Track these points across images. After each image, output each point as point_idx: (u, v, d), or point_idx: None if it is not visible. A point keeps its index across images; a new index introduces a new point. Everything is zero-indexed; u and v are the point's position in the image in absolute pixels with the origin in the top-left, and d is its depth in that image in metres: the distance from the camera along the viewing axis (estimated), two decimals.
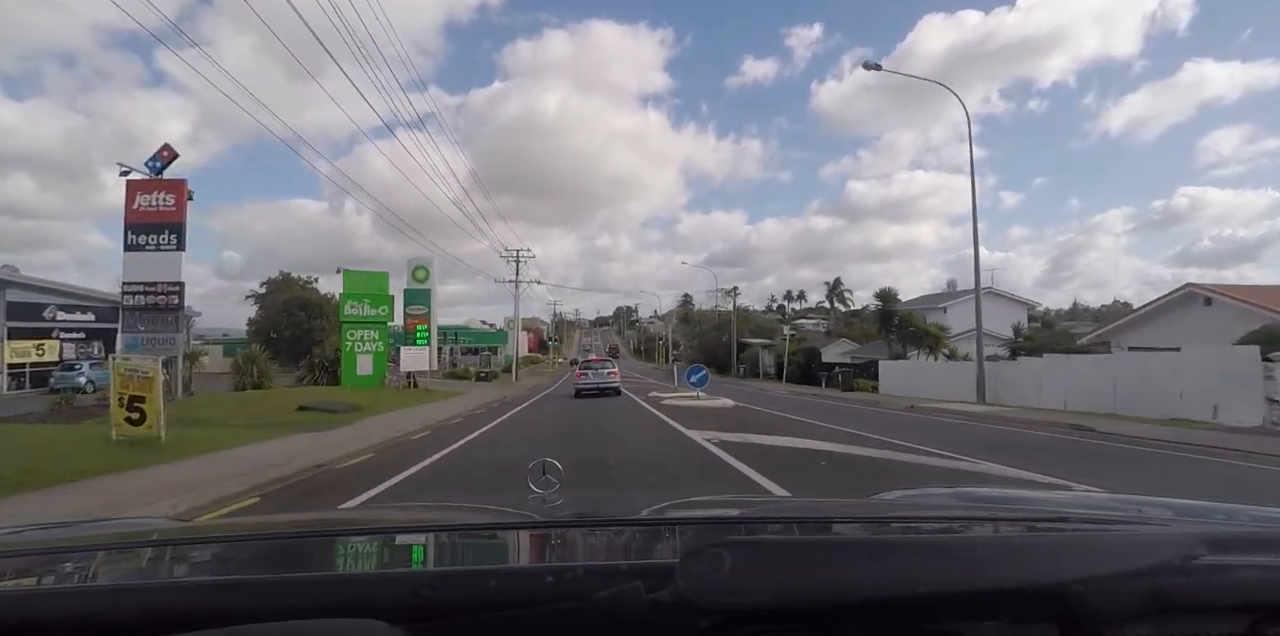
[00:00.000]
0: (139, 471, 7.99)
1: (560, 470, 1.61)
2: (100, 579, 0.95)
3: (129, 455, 8.90)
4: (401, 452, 10.45)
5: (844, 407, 20.81)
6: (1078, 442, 11.47)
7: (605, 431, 12.83)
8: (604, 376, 24.43)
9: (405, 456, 9.88)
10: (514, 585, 0.73)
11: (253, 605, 0.68)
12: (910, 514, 1.38)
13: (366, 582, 0.81)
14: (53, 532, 1.20)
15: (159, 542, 1.17)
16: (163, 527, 1.45)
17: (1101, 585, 0.65)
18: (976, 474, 7.81)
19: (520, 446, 10.71)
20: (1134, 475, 8.15)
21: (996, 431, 13.28)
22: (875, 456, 9.16)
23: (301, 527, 1.35)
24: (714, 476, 7.64)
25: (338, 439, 11.75)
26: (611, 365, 26.00)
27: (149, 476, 7.72)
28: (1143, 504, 1.32)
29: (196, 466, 8.45)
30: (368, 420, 15.42)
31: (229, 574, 1.00)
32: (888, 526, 1.22)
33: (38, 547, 1.08)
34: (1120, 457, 9.66)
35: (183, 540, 1.19)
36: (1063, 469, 7.80)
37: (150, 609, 0.68)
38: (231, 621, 0.62)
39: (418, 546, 1.14)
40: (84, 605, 0.70)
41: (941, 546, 0.75)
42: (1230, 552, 0.81)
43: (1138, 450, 10.39)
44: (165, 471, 8.05)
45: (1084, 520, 1.11)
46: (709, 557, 0.61)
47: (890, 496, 1.59)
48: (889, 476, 7.57)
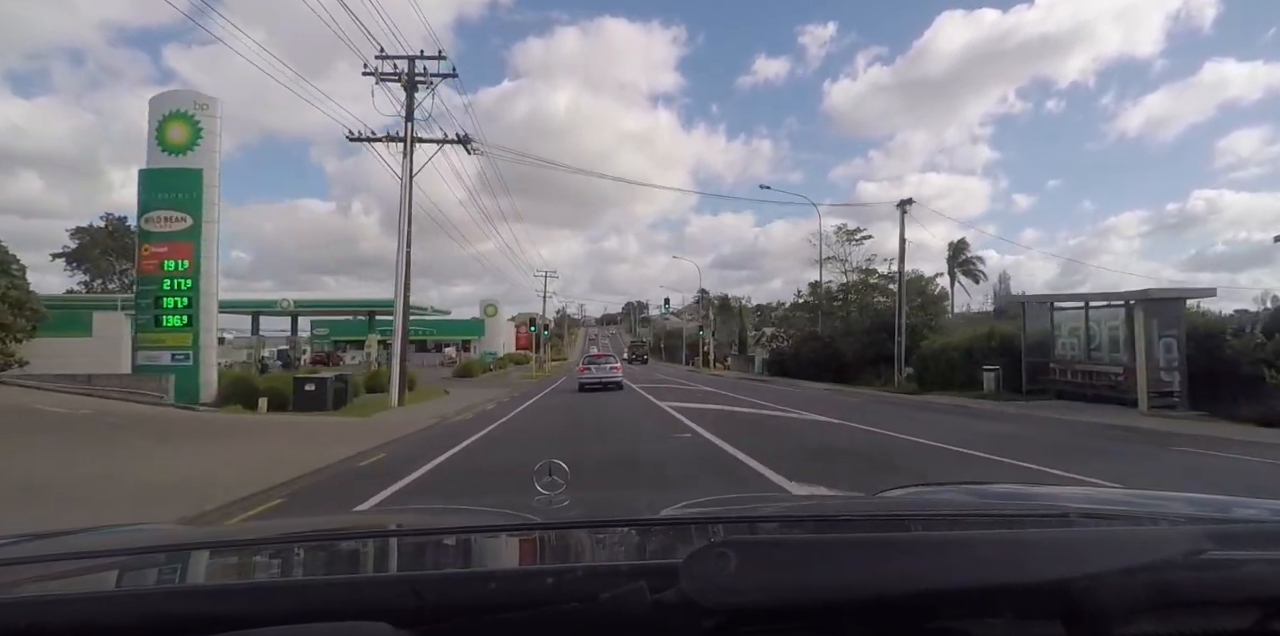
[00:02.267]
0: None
1: (566, 471, 1.59)
2: (106, 585, 0.95)
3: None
4: None
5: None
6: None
7: None
8: (607, 371, 25.91)
9: None
10: (518, 587, 0.73)
11: (258, 609, 0.68)
12: (915, 511, 1.37)
13: (372, 585, 0.81)
14: (58, 540, 1.22)
15: (164, 548, 1.17)
16: (168, 533, 1.45)
17: (1107, 581, 0.65)
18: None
19: None
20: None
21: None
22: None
23: (306, 531, 1.35)
24: None
25: None
26: (614, 360, 27.71)
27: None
28: (1149, 498, 1.31)
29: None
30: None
31: (234, 578, 1.00)
32: (892, 524, 1.22)
33: (44, 555, 1.09)
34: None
35: (188, 545, 1.20)
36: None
37: (156, 615, 0.68)
38: (237, 626, 0.62)
39: (422, 549, 1.15)
40: (90, 612, 0.70)
41: (946, 544, 0.75)
42: (1237, 547, 0.81)
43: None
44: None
45: (1089, 515, 1.11)
46: (713, 557, 0.61)
47: (895, 494, 1.58)
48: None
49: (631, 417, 15.14)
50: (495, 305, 29.96)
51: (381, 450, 10.41)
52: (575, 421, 14.71)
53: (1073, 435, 11.57)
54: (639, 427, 13.06)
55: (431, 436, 12.43)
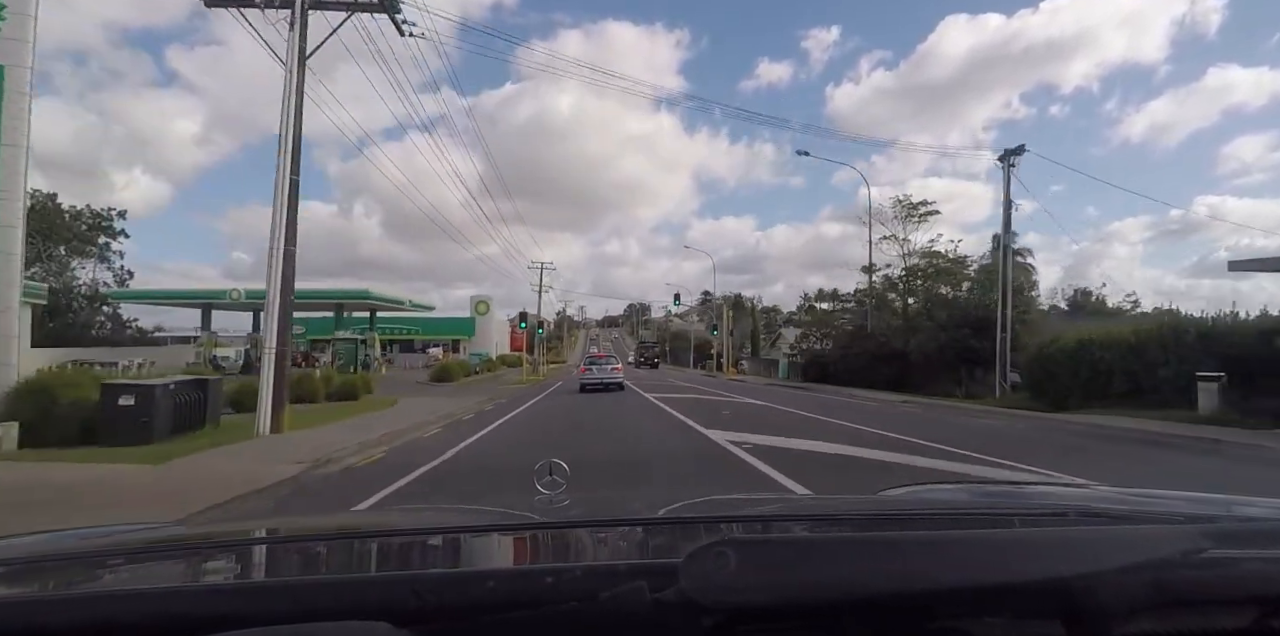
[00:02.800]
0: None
1: (566, 470, 1.61)
2: (104, 585, 0.93)
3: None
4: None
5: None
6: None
7: None
8: (608, 372, 25.48)
9: None
10: (518, 586, 0.73)
11: (258, 609, 0.68)
12: (914, 510, 1.37)
13: (371, 585, 0.81)
14: (56, 540, 1.19)
15: (163, 548, 1.17)
16: (166, 533, 1.43)
17: (1106, 580, 0.65)
18: None
19: None
20: None
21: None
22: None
23: (305, 531, 1.36)
24: None
25: None
26: (615, 361, 27.02)
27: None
28: (1147, 497, 1.33)
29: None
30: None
31: (234, 578, 1.00)
32: (892, 523, 1.21)
33: (41, 555, 1.08)
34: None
35: (186, 545, 1.19)
36: None
37: (156, 614, 0.68)
38: (238, 625, 0.62)
39: (422, 548, 1.15)
40: (88, 612, 0.69)
41: (946, 543, 0.74)
42: (1236, 545, 0.81)
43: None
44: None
45: (1088, 514, 1.11)
46: (712, 556, 0.61)
47: (895, 493, 1.57)
48: None
49: (677, 459, 8.91)
50: (487, 302, 25.89)
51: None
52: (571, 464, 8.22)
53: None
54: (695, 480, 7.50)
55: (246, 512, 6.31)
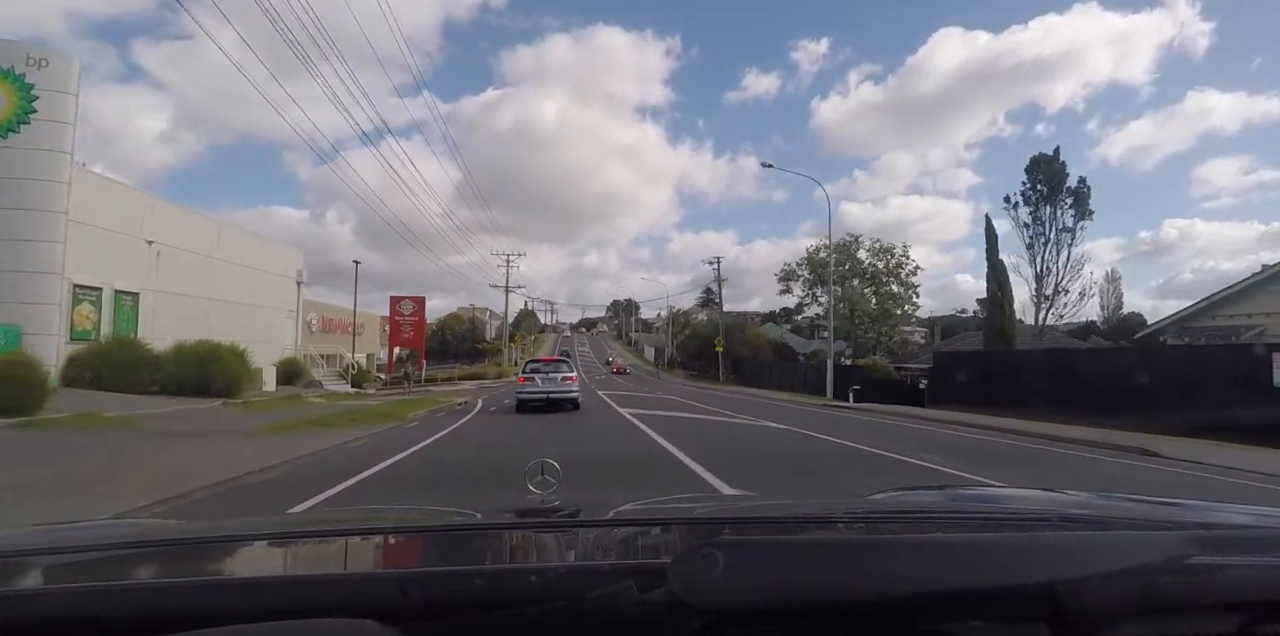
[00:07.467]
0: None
1: (558, 471, 1.61)
2: (89, 580, 0.93)
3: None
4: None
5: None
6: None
7: None
8: (557, 384, 17.56)
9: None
10: (506, 585, 0.73)
11: (245, 604, 0.68)
12: (901, 513, 1.37)
13: (359, 582, 0.81)
14: (41, 534, 1.20)
15: (151, 543, 1.16)
16: (154, 528, 1.42)
17: (1090, 585, 0.65)
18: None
19: None
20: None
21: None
22: None
23: (292, 527, 1.36)
24: None
25: None
26: (568, 367, 18.68)
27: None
28: (1133, 504, 1.35)
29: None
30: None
31: (220, 574, 1.00)
32: (879, 526, 1.22)
33: (25, 549, 1.07)
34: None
35: (175, 540, 1.18)
36: None
37: (141, 609, 0.67)
38: (224, 621, 0.62)
39: (410, 546, 1.15)
40: (73, 606, 0.69)
41: (932, 546, 0.74)
42: (1220, 552, 0.81)
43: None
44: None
45: (1073, 520, 1.11)
46: (701, 557, 0.61)
47: (881, 496, 1.58)
48: None
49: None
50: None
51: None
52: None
53: None
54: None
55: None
